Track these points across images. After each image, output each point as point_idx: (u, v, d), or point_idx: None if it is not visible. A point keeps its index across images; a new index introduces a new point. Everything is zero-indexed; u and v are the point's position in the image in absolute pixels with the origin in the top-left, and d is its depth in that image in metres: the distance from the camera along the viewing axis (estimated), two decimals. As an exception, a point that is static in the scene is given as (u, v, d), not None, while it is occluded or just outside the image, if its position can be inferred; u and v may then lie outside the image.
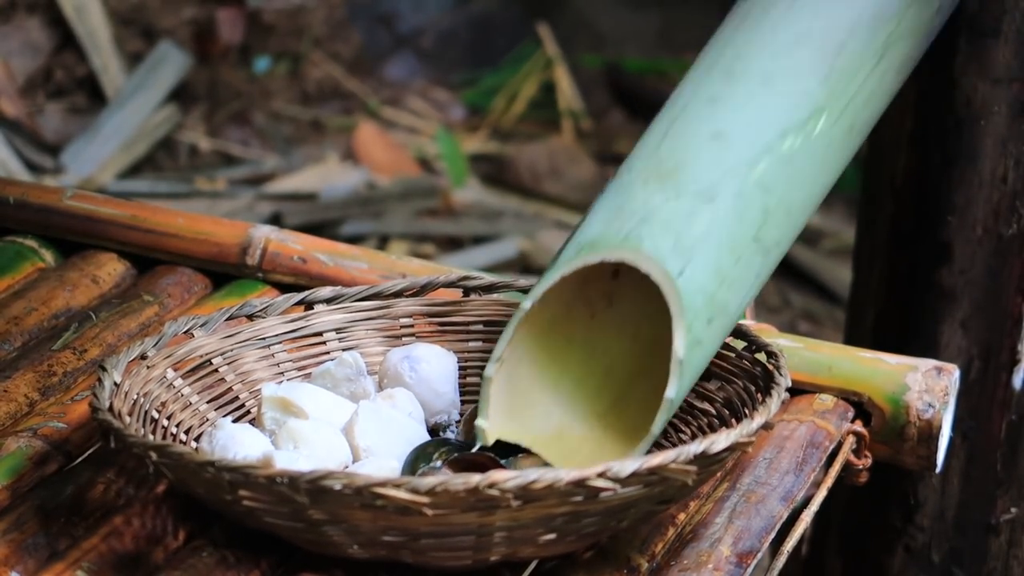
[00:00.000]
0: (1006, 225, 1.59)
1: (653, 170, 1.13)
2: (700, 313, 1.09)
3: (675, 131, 1.15)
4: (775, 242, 1.14)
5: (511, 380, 1.14)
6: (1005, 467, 1.65)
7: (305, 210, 3.27)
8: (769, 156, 1.13)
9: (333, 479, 0.99)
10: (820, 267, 3.25)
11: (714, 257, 1.10)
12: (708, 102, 1.16)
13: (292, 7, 3.77)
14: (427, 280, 1.29)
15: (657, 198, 1.11)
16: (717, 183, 1.12)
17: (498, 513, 1.01)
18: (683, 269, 1.09)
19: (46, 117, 3.41)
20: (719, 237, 1.11)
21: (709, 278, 1.10)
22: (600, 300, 1.17)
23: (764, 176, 1.13)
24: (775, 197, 1.13)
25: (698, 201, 1.11)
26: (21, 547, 1.09)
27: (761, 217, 1.13)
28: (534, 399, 1.15)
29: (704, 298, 1.10)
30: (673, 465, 1.02)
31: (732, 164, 1.13)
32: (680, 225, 1.10)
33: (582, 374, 1.17)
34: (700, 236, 1.10)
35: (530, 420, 1.15)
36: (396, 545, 1.04)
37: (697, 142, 1.14)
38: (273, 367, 1.25)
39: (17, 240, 1.52)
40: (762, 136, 1.14)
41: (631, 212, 1.11)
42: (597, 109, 3.95)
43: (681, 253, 1.09)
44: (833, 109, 1.17)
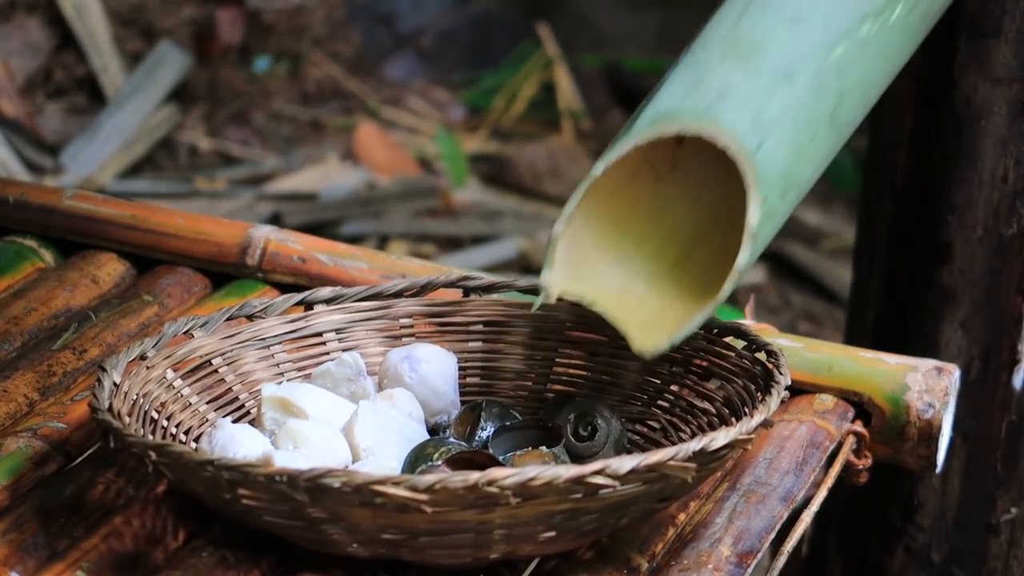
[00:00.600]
0: (1006, 225, 1.59)
1: (731, 47, 1.14)
2: (775, 187, 1.11)
3: (753, 11, 1.16)
4: (848, 122, 1.16)
5: (575, 240, 1.15)
6: (1005, 467, 1.65)
7: (305, 210, 3.27)
8: (847, 40, 1.15)
9: (332, 477, 0.99)
10: (820, 267, 3.25)
11: (791, 134, 1.12)
12: None
13: (292, 7, 3.78)
14: (427, 280, 1.29)
15: (736, 75, 1.13)
16: (795, 64, 1.14)
17: (497, 511, 1.01)
18: (761, 144, 1.10)
19: (46, 117, 3.41)
20: (796, 116, 1.13)
21: (785, 154, 1.12)
22: (664, 164, 1.18)
23: (841, 60, 1.15)
24: (851, 80, 1.15)
25: (776, 80, 1.13)
26: (21, 547, 1.09)
27: (837, 98, 1.15)
28: (598, 258, 1.16)
29: (779, 173, 1.11)
30: (672, 462, 1.02)
31: (811, 46, 1.15)
32: (759, 102, 1.12)
33: (645, 235, 1.17)
34: (778, 114, 1.12)
35: (593, 278, 1.16)
36: (395, 543, 1.04)
37: (776, 23, 1.15)
38: (273, 367, 1.25)
39: (17, 240, 1.52)
40: (841, 21, 1.16)
41: (709, 86, 1.12)
42: (597, 109, 3.95)
43: (759, 129, 1.11)
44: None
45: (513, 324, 1.29)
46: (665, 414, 1.22)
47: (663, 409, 1.23)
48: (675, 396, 1.23)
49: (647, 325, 1.14)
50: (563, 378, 1.27)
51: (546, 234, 3.31)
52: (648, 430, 1.23)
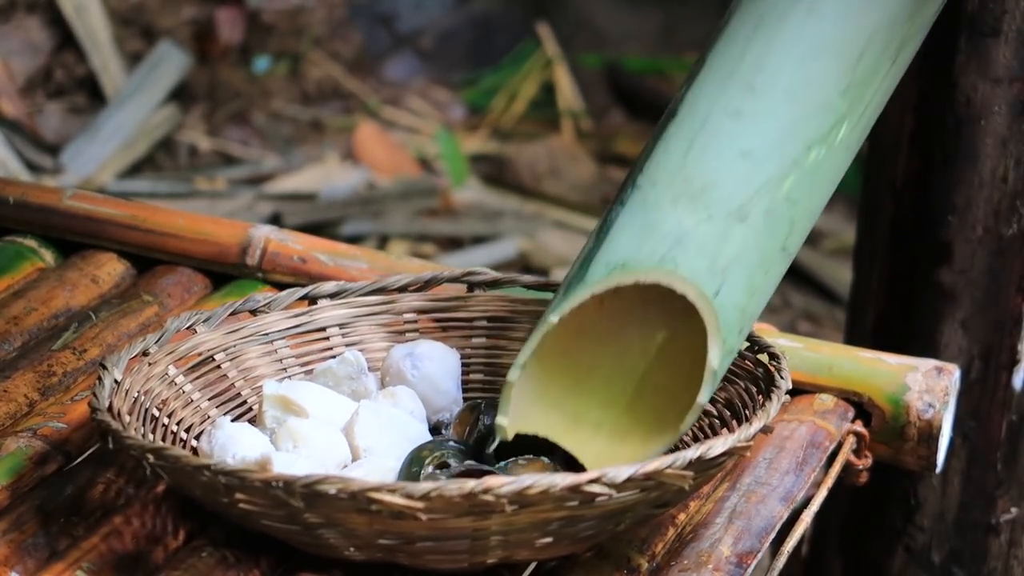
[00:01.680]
0: (1006, 225, 1.59)
1: (682, 189, 1.14)
2: (733, 327, 1.12)
3: (700, 147, 1.15)
4: (796, 247, 1.17)
5: (526, 377, 1.15)
6: (1005, 467, 1.65)
7: (305, 210, 3.26)
8: (796, 171, 1.15)
9: (328, 484, 0.99)
10: (820, 267, 3.25)
11: (746, 274, 1.12)
12: (732, 117, 1.16)
13: (292, 7, 3.77)
14: (431, 275, 1.29)
15: (689, 220, 1.12)
16: (748, 202, 1.13)
17: (493, 518, 1.01)
18: (719, 289, 1.11)
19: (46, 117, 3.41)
20: (751, 254, 1.13)
21: (742, 293, 1.12)
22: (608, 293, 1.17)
23: (791, 190, 1.14)
24: (800, 208, 1.15)
25: (731, 221, 1.13)
26: (21, 547, 1.09)
27: (788, 228, 1.15)
28: (548, 391, 1.16)
29: (737, 312, 1.12)
30: (669, 470, 1.02)
31: (762, 182, 1.14)
32: (714, 247, 1.12)
33: (593, 364, 1.17)
34: (734, 256, 1.12)
35: (545, 413, 1.15)
36: (392, 548, 1.04)
37: (725, 160, 1.14)
38: (276, 363, 1.25)
39: (17, 240, 1.52)
40: (789, 152, 1.15)
41: (663, 234, 1.12)
42: (597, 109, 3.95)
43: (716, 274, 1.11)
44: (853, 117, 1.18)
45: (517, 320, 1.29)
46: (665, 414, 1.22)
47: (663, 409, 1.23)
48: (675, 396, 1.22)
49: (602, 459, 1.13)
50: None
51: (546, 234, 3.32)
52: (648, 430, 1.23)
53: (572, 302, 1.13)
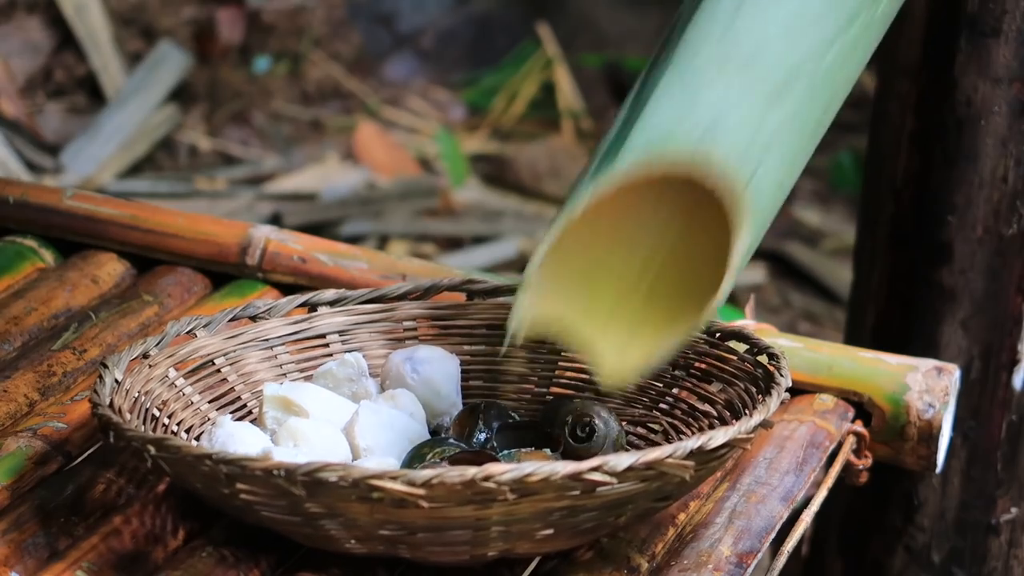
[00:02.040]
0: (1006, 225, 1.59)
1: (729, 56, 1.10)
2: (761, 216, 1.08)
3: (747, 11, 1.12)
4: (830, 121, 1.14)
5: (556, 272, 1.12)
6: (1005, 467, 1.65)
7: (305, 210, 3.26)
8: (839, 41, 1.12)
9: (329, 471, 1.00)
10: (820, 267, 3.25)
11: (782, 155, 1.09)
12: None
13: (292, 7, 3.77)
14: (431, 283, 1.29)
15: (733, 92, 1.08)
16: (792, 75, 1.10)
17: (494, 507, 1.01)
18: (753, 174, 1.07)
19: (46, 117, 3.41)
20: (789, 133, 1.10)
21: (774, 178, 1.09)
22: None
23: (832, 64, 1.12)
24: (839, 83, 1.13)
25: (773, 96, 1.09)
26: (21, 547, 1.09)
27: (826, 104, 1.12)
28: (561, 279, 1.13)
29: (768, 200, 1.09)
30: (670, 460, 1.02)
31: (806, 53, 1.11)
32: (755, 125, 1.08)
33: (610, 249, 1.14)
34: (772, 134, 1.08)
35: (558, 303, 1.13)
36: (393, 540, 1.04)
37: (773, 27, 1.11)
38: (275, 368, 1.25)
39: (17, 240, 1.52)
40: (836, 21, 1.12)
41: (706, 107, 1.08)
42: (597, 109, 3.95)
43: (753, 157, 1.07)
44: None
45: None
46: (666, 417, 1.22)
47: (664, 412, 1.23)
48: (676, 399, 1.23)
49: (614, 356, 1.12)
50: (565, 381, 1.27)
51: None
52: (649, 432, 1.23)
53: (603, 186, 1.07)
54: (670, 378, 1.23)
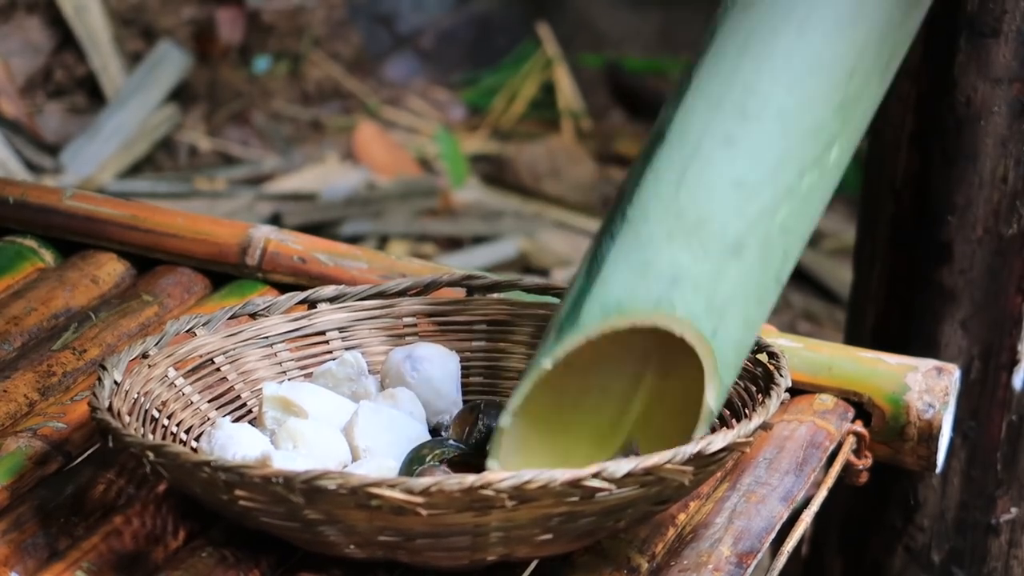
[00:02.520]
0: (1006, 225, 1.59)
1: (676, 224, 1.10)
2: (731, 364, 1.10)
3: (692, 177, 1.12)
4: (787, 276, 1.14)
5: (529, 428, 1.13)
6: (1005, 467, 1.65)
7: (305, 210, 3.26)
8: (790, 199, 1.12)
9: (328, 479, 0.99)
10: (820, 267, 3.25)
11: (743, 309, 1.10)
12: (724, 144, 1.12)
13: (292, 7, 3.77)
14: (431, 279, 1.29)
15: (685, 257, 1.09)
16: (743, 236, 1.10)
17: (493, 513, 1.01)
18: (716, 329, 1.09)
19: (46, 117, 3.41)
20: (747, 289, 1.11)
21: (738, 329, 1.10)
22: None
23: (786, 220, 1.12)
24: (793, 237, 1.13)
25: (726, 257, 1.10)
26: (21, 547, 1.09)
27: (781, 259, 1.12)
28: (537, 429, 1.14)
29: (734, 350, 1.10)
30: (669, 465, 1.02)
31: (756, 213, 1.11)
32: (711, 285, 1.09)
33: (583, 401, 1.15)
34: (730, 293, 1.10)
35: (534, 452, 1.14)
36: (392, 545, 1.04)
37: (718, 191, 1.11)
38: (275, 366, 1.25)
39: (17, 240, 1.52)
40: (783, 179, 1.12)
41: (659, 273, 1.09)
42: (597, 109, 3.95)
43: (713, 313, 1.09)
44: (844, 136, 1.14)
45: (516, 323, 1.29)
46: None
47: (663, 409, 1.23)
48: (675, 396, 1.23)
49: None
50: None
51: (546, 234, 3.32)
52: (648, 430, 1.23)
53: (565, 347, 1.09)
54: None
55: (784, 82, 1.14)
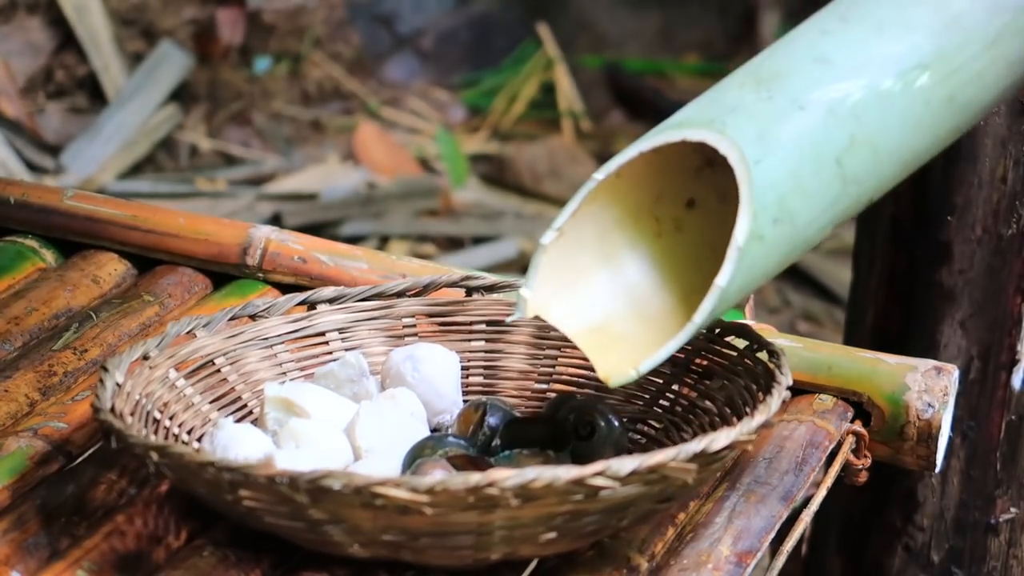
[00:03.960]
0: (1006, 225, 1.59)
1: (752, 76, 1.14)
2: (768, 207, 1.09)
3: (780, 49, 1.16)
4: (855, 176, 1.14)
5: (569, 258, 1.13)
6: (1005, 467, 1.65)
7: (305, 210, 3.27)
8: (867, 89, 1.14)
9: (333, 479, 0.99)
10: (820, 267, 3.25)
11: (794, 159, 1.10)
12: (819, 33, 1.16)
13: (292, 7, 3.78)
14: (430, 280, 1.30)
15: (750, 96, 1.12)
16: (812, 96, 1.12)
17: (497, 512, 1.01)
18: (761, 159, 1.09)
19: (46, 117, 3.42)
20: (802, 143, 1.11)
21: (784, 177, 1.10)
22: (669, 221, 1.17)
23: (858, 105, 1.13)
24: (864, 129, 1.13)
25: (789, 106, 1.11)
26: (22, 547, 1.09)
27: (847, 142, 1.13)
28: (588, 284, 1.14)
29: (775, 195, 1.10)
30: (673, 464, 1.02)
31: (829, 84, 1.13)
32: (767, 121, 1.11)
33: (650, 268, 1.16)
34: (784, 136, 1.11)
35: (576, 305, 1.14)
36: (396, 544, 1.04)
37: (800, 60, 1.14)
38: (276, 367, 1.25)
39: (17, 240, 1.52)
40: (865, 69, 1.14)
41: (722, 103, 1.12)
42: (597, 109, 3.95)
43: (762, 145, 1.09)
44: (937, 71, 1.16)
45: (515, 323, 1.29)
46: (667, 414, 1.22)
47: (664, 409, 1.23)
48: (677, 396, 1.23)
49: (618, 354, 1.12)
50: (565, 377, 1.27)
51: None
52: (650, 430, 1.23)
53: (619, 159, 1.11)
54: (670, 375, 1.23)
55: (891, 3, 1.17)
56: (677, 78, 4.12)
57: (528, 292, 1.12)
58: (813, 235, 1.13)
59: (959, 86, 1.18)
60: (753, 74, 1.14)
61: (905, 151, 1.17)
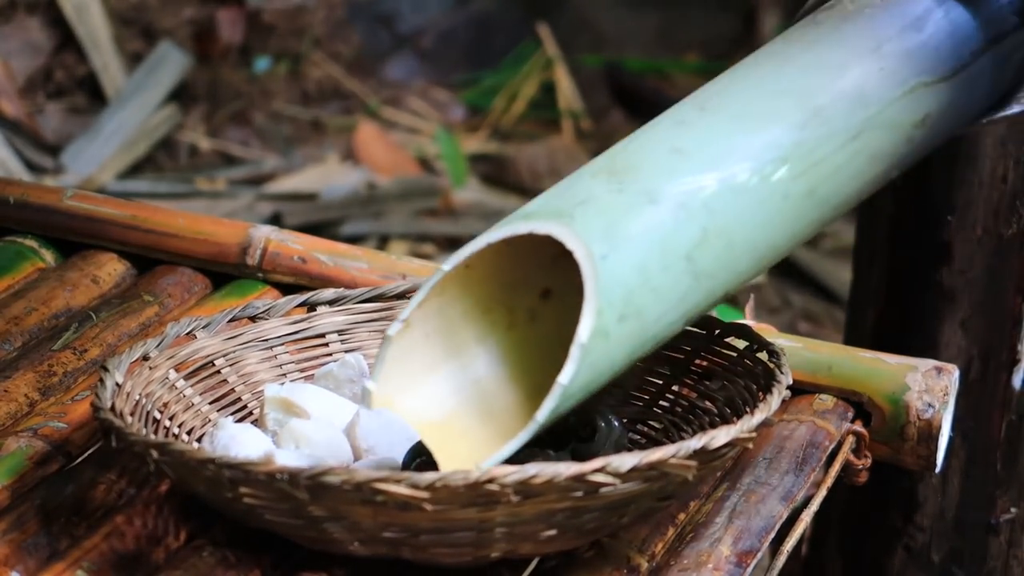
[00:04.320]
0: (1006, 225, 1.59)
1: (606, 167, 1.12)
2: (614, 304, 1.07)
3: (637, 139, 1.14)
4: (707, 271, 1.11)
5: (416, 350, 1.11)
6: (1005, 467, 1.65)
7: (305, 210, 3.27)
8: (722, 182, 1.11)
9: (333, 475, 1.00)
10: (820, 267, 3.25)
11: (642, 255, 1.08)
12: (676, 124, 1.14)
13: (292, 7, 3.78)
14: (429, 281, 1.29)
15: (601, 188, 1.10)
16: (663, 188, 1.10)
17: (498, 509, 1.01)
18: (607, 254, 1.06)
19: (46, 117, 3.42)
20: (652, 238, 1.09)
21: (631, 273, 1.08)
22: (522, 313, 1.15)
23: (712, 198, 1.11)
24: (717, 222, 1.11)
25: (640, 199, 1.09)
26: (21, 547, 1.09)
27: (700, 236, 1.10)
28: (434, 378, 1.13)
29: (622, 291, 1.07)
30: (673, 460, 1.02)
31: (683, 176, 1.11)
32: (616, 214, 1.08)
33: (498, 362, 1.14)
34: (633, 230, 1.08)
35: (421, 400, 1.12)
36: (397, 542, 1.04)
37: (655, 151, 1.12)
38: (275, 368, 1.25)
39: (17, 240, 1.52)
40: (720, 162, 1.12)
41: (573, 194, 1.10)
42: (597, 109, 3.95)
43: (609, 239, 1.07)
44: (796, 164, 1.14)
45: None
46: (667, 414, 1.22)
47: (664, 410, 1.23)
48: (676, 396, 1.23)
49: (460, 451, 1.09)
50: (564, 378, 1.27)
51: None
52: (650, 430, 1.23)
53: (467, 250, 1.10)
54: (670, 375, 1.23)
55: (750, 94, 1.16)
56: (677, 78, 4.12)
57: (373, 385, 1.10)
58: (662, 331, 1.10)
59: (820, 180, 1.15)
60: (607, 165, 1.11)
61: (761, 244, 1.14)
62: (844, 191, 1.17)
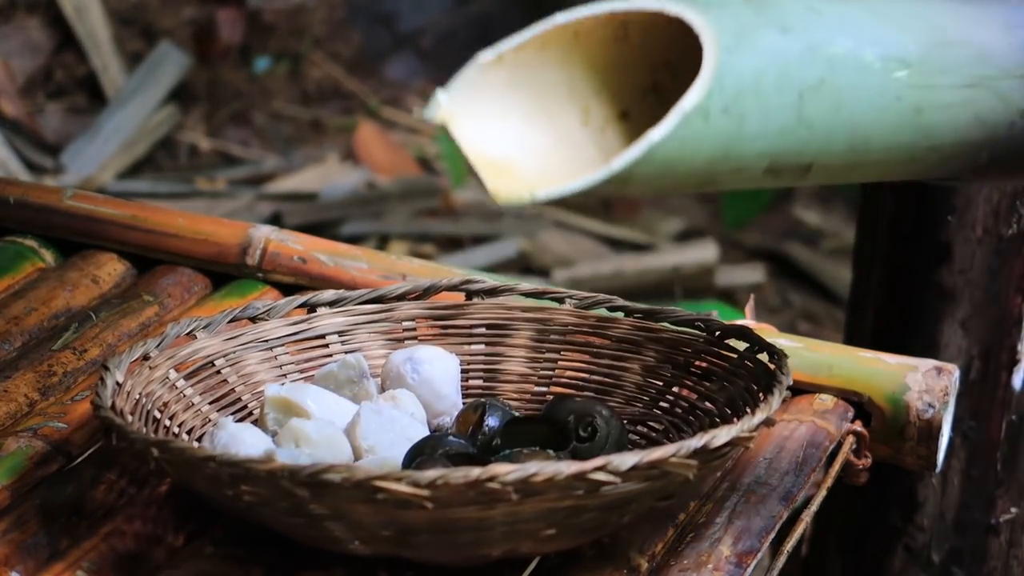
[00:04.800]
0: (1006, 225, 1.59)
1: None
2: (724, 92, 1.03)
3: None
4: (810, 119, 1.10)
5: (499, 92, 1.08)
6: (1005, 467, 1.65)
7: (305, 210, 3.27)
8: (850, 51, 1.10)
9: (334, 472, 1.00)
10: (820, 267, 3.25)
11: (762, 67, 1.06)
12: None
13: (292, 7, 3.78)
14: (430, 283, 1.30)
15: (738, 4, 1.07)
16: (796, 26, 1.08)
17: (498, 507, 1.01)
18: (732, 48, 1.03)
19: (46, 117, 3.42)
20: (775, 59, 1.06)
21: (748, 76, 1.05)
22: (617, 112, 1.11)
23: (837, 59, 1.10)
24: (835, 80, 1.10)
25: (773, 25, 1.07)
26: (21, 547, 1.09)
27: (816, 81, 1.09)
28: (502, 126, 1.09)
29: (734, 85, 1.04)
30: (674, 459, 1.03)
31: (816, 29, 1.10)
32: (749, 26, 1.06)
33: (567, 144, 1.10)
34: (760, 45, 1.06)
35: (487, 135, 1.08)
36: (397, 540, 1.04)
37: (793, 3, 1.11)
38: (275, 369, 1.25)
39: (17, 240, 1.52)
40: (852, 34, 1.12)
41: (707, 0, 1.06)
42: (597, 109, 3.94)
43: (738, 39, 1.04)
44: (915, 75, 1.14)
45: (516, 327, 1.29)
46: (667, 415, 1.22)
47: (665, 410, 1.23)
48: (677, 397, 1.23)
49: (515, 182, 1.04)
50: (565, 380, 1.27)
51: (546, 234, 3.32)
52: (650, 431, 1.23)
53: (587, 11, 1.04)
54: (671, 376, 1.23)
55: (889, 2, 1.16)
56: (677, 78, 4.12)
57: (444, 97, 1.06)
58: (749, 156, 1.06)
59: (929, 104, 1.15)
60: None
61: (860, 128, 1.13)
62: (943, 133, 1.17)
